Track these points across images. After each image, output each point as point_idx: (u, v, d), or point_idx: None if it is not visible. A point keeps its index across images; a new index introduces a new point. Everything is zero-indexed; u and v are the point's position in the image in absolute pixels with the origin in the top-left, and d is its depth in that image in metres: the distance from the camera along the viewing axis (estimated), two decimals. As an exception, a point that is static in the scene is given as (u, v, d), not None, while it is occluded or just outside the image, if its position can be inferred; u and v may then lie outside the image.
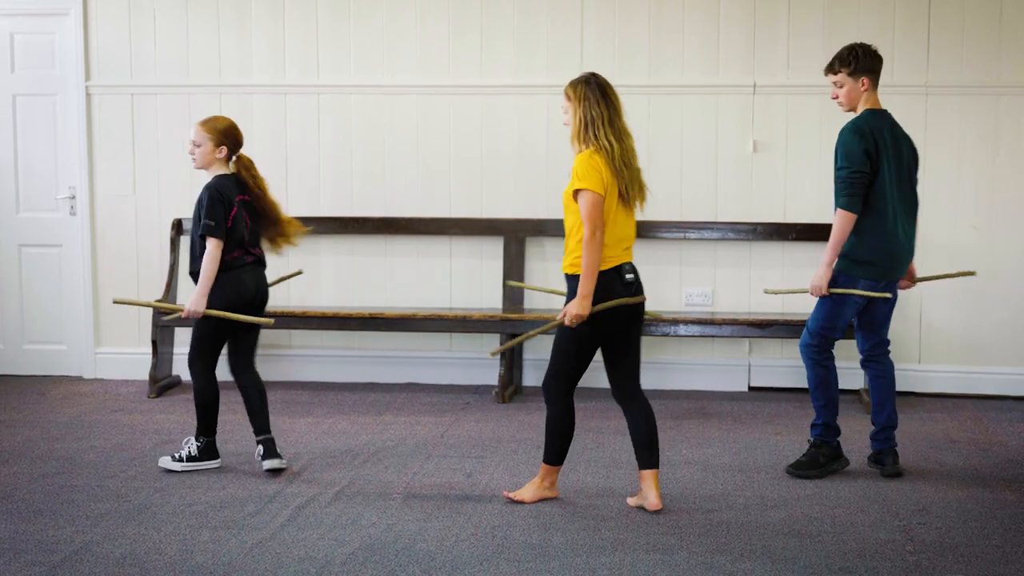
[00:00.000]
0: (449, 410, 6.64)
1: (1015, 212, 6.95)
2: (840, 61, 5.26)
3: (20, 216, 7.56)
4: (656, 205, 7.09)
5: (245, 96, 7.33)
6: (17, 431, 6.19)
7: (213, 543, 4.48)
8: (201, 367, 5.44)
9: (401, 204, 7.30)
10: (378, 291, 7.35)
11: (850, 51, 5.25)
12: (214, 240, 5.28)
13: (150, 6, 7.32)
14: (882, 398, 5.40)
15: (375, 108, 7.29)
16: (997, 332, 7.01)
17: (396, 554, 4.36)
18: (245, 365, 5.52)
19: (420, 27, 7.20)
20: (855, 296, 5.26)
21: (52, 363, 7.62)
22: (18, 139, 7.50)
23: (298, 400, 6.90)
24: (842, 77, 5.26)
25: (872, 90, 5.27)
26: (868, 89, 5.26)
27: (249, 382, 5.49)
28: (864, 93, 5.26)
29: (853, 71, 5.23)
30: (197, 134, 5.38)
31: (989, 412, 6.63)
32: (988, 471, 5.46)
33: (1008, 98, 6.90)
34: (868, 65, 5.25)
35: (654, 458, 4.84)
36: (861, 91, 5.26)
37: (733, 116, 7.05)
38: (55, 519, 4.75)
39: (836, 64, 5.28)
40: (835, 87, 5.31)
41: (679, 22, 7.04)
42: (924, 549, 4.43)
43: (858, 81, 5.24)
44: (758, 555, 4.35)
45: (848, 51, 5.26)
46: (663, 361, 7.23)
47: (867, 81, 5.25)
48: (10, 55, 7.46)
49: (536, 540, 4.50)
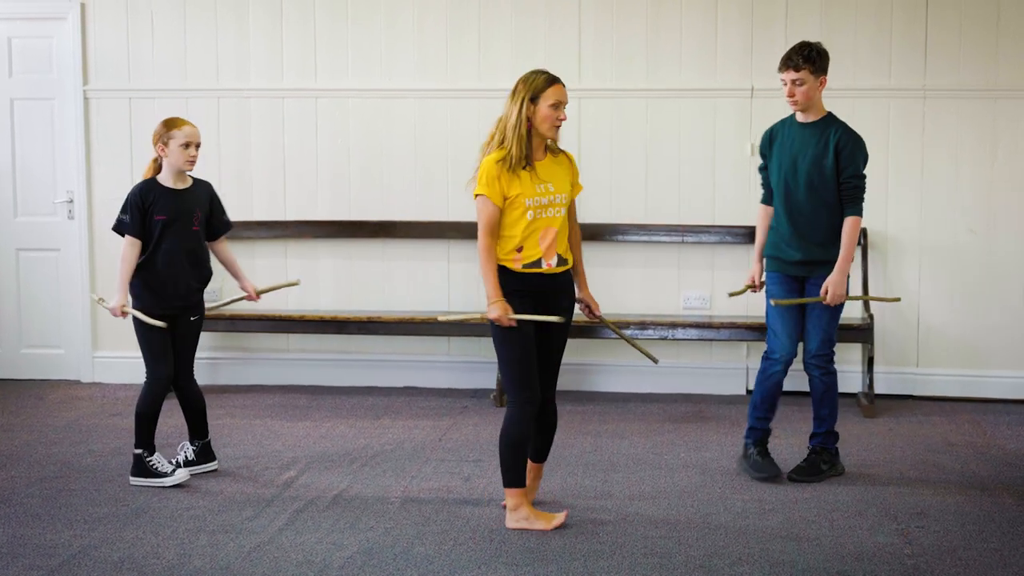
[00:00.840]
0: (447, 414, 6.64)
1: (1013, 215, 6.96)
2: (804, 59, 5.10)
3: (18, 220, 7.56)
4: (654, 208, 7.16)
5: (243, 100, 7.33)
6: (15, 435, 6.19)
7: (211, 547, 4.47)
8: (148, 372, 5.37)
9: (399, 208, 7.30)
10: (376, 295, 7.35)
11: (815, 50, 5.13)
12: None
13: (148, 10, 7.33)
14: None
15: (373, 112, 7.29)
16: (995, 335, 7.01)
17: (394, 558, 4.35)
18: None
19: (418, 31, 7.21)
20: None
21: (50, 367, 7.62)
22: (16, 143, 7.50)
23: (296, 404, 6.89)
24: (805, 75, 5.11)
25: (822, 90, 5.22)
26: (822, 89, 5.19)
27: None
28: (820, 93, 5.18)
29: (815, 69, 5.13)
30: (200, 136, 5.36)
31: (987, 415, 6.63)
32: (986, 475, 5.46)
33: (1005, 101, 6.90)
34: (826, 65, 5.17)
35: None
36: (819, 90, 5.17)
37: (731, 119, 7.05)
38: (53, 523, 4.75)
39: (800, 61, 5.10)
40: (793, 85, 5.14)
41: (676, 25, 7.04)
42: (922, 553, 4.43)
43: (818, 80, 5.15)
44: (756, 559, 4.35)
45: (811, 49, 5.12)
46: (661, 365, 7.21)
47: (824, 80, 5.18)
48: (8, 59, 7.46)
49: (534, 544, 4.49)
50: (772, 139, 5.34)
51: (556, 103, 4.60)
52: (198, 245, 5.37)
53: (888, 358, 7.04)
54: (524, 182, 4.58)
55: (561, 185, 4.69)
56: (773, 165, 5.31)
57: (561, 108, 4.62)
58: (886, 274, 7.01)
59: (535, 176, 4.61)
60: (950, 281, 7.00)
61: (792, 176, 5.21)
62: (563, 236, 4.72)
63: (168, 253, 5.26)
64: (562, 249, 4.70)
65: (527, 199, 4.58)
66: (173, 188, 5.31)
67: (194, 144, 5.27)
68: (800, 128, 5.25)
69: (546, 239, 4.63)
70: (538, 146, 4.69)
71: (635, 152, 7.14)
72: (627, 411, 6.73)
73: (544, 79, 4.64)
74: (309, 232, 7.33)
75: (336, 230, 7.31)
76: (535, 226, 4.61)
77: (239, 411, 6.71)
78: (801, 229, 5.23)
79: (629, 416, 6.61)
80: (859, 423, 6.43)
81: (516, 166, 4.58)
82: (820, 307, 5.23)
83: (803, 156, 5.20)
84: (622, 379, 7.23)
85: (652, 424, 6.43)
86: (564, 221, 4.71)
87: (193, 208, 5.31)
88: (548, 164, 4.70)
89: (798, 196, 5.21)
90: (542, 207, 4.61)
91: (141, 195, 5.27)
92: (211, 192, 5.46)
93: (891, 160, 6.96)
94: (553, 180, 4.67)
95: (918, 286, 7.01)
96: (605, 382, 7.25)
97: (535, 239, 4.61)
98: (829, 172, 5.16)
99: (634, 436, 6.16)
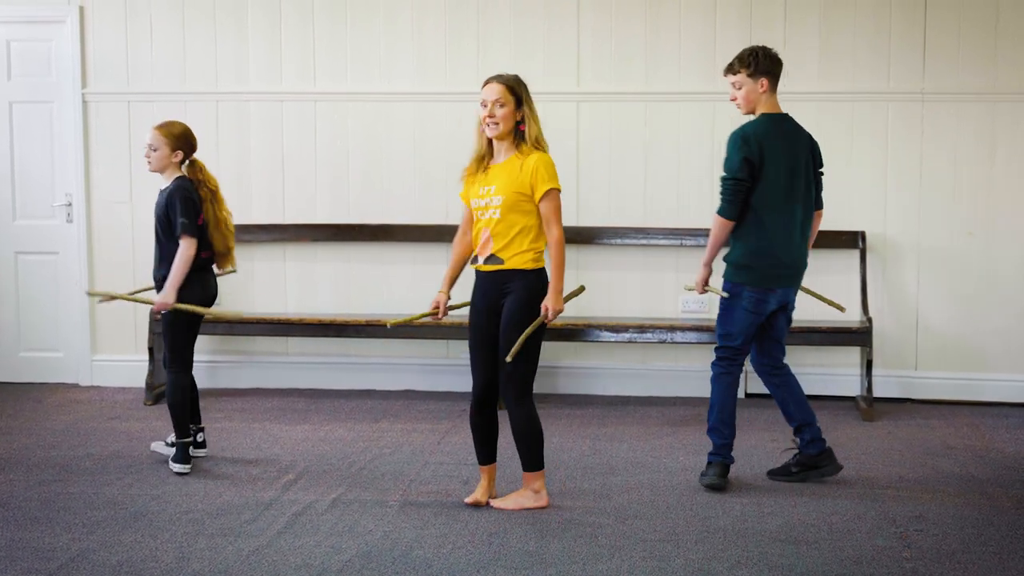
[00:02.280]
0: (446, 417, 6.64)
1: (1011, 218, 6.96)
2: (740, 61, 5.16)
3: (17, 223, 7.55)
4: (652, 211, 7.16)
5: (242, 103, 7.33)
6: (13, 438, 6.18)
7: (210, 550, 4.47)
8: (179, 365, 5.53)
9: (398, 211, 7.29)
10: (375, 298, 7.35)
11: (751, 52, 5.16)
12: (190, 239, 5.41)
13: (147, 13, 7.33)
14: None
15: (372, 115, 7.29)
16: (994, 338, 7.01)
17: (393, 561, 4.35)
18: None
19: (417, 34, 7.21)
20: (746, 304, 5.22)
21: (48, 370, 7.61)
22: (15, 146, 7.50)
23: (295, 407, 6.89)
24: (741, 78, 5.16)
25: (771, 93, 5.19)
26: (767, 91, 5.17)
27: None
28: (763, 95, 5.17)
29: (753, 72, 5.14)
30: (154, 138, 5.51)
31: (986, 419, 6.63)
32: (985, 478, 5.46)
33: (1004, 104, 6.91)
34: (767, 67, 5.15)
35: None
36: (760, 93, 5.17)
37: (730, 123, 7.03)
38: (51, 526, 4.74)
39: (736, 64, 5.18)
40: (733, 88, 5.21)
41: (675, 29, 7.04)
42: (921, 556, 4.42)
43: (757, 83, 5.14)
44: (754, 562, 4.35)
45: (748, 52, 5.17)
46: (660, 368, 7.23)
47: (766, 83, 5.15)
48: (7, 62, 7.46)
49: (533, 547, 4.49)
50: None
51: (482, 102, 4.81)
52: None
53: (887, 361, 7.05)
54: (474, 185, 4.87)
55: (503, 187, 4.77)
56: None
57: (488, 105, 4.77)
58: (884, 277, 7.02)
59: (485, 178, 4.84)
60: (949, 284, 7.00)
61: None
62: (501, 237, 4.78)
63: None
64: (497, 249, 4.80)
65: (472, 200, 4.87)
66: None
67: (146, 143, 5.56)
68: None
69: (482, 239, 4.85)
70: (500, 149, 4.85)
71: (634, 155, 7.15)
72: (626, 414, 6.73)
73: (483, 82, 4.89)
74: (308, 235, 7.33)
75: (335, 233, 7.32)
76: (478, 227, 4.88)
77: (238, 414, 6.71)
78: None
79: (628, 419, 6.61)
80: (858, 426, 6.43)
81: (478, 169, 4.87)
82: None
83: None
84: (621, 382, 7.23)
85: (651, 427, 6.42)
86: (500, 223, 4.78)
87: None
88: (504, 166, 4.82)
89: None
90: (481, 208, 4.84)
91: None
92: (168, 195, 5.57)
93: (890, 163, 6.97)
94: (496, 182, 4.79)
95: (916, 289, 7.02)
96: (604, 385, 7.25)
97: (478, 239, 4.88)
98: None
99: (633, 439, 6.16)
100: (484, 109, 4.78)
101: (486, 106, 4.77)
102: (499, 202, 4.76)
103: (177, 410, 5.51)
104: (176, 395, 5.51)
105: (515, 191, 4.76)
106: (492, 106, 4.75)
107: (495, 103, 4.75)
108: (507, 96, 4.76)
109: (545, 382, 7.14)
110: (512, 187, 4.75)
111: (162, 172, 5.52)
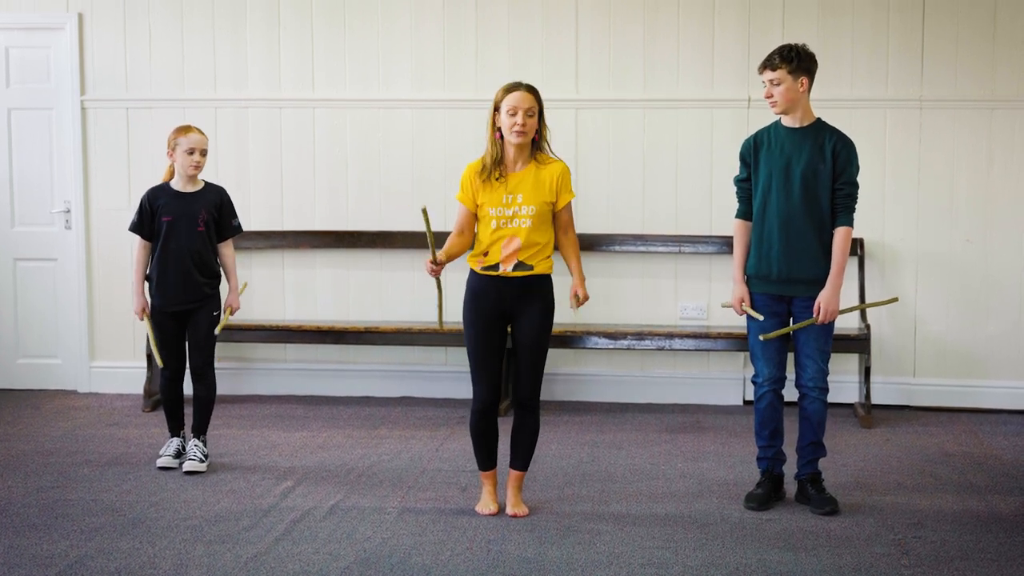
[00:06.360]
0: (444, 424, 6.64)
1: (1009, 225, 6.97)
2: (780, 57, 4.93)
3: (15, 230, 7.56)
4: (651, 218, 7.16)
5: (240, 110, 7.33)
6: (11, 445, 6.18)
7: (208, 557, 4.47)
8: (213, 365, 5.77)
9: (396, 218, 7.30)
10: (373, 305, 7.35)
11: (790, 48, 4.95)
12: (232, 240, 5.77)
13: (145, 20, 7.33)
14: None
15: (370, 122, 7.30)
16: (992, 345, 7.02)
17: (391, 568, 4.35)
18: None
19: (415, 41, 7.22)
20: None
21: (47, 377, 7.61)
22: (13, 153, 7.50)
23: (293, 414, 6.89)
24: (781, 74, 4.93)
25: (808, 94, 5.00)
26: (806, 91, 4.98)
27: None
28: (802, 95, 4.98)
29: (794, 69, 4.93)
30: (206, 143, 5.65)
31: (984, 425, 6.63)
32: (983, 484, 5.46)
33: (1002, 111, 6.92)
34: (807, 65, 4.97)
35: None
36: (800, 92, 4.97)
37: (728, 130, 7.06)
38: (49, 533, 4.74)
39: (776, 60, 4.94)
40: (771, 85, 4.97)
41: (674, 36, 7.05)
42: (919, 563, 4.42)
43: (797, 81, 4.94)
44: (753, 569, 4.35)
45: (788, 48, 4.96)
46: (658, 375, 7.23)
47: (806, 81, 4.96)
48: (5, 69, 7.47)
49: (531, 554, 4.49)
50: (757, 146, 5.07)
51: (511, 109, 4.72)
52: (203, 246, 5.64)
53: (885, 368, 7.05)
54: (492, 192, 4.79)
55: (531, 196, 4.76)
56: (761, 173, 5.04)
57: (519, 114, 4.70)
58: (883, 284, 7.02)
59: (505, 186, 4.78)
60: (947, 291, 7.01)
61: (785, 183, 4.97)
62: (533, 245, 4.78)
63: (173, 252, 5.59)
64: (525, 256, 4.79)
65: (491, 208, 4.78)
66: (181, 191, 5.63)
67: (199, 150, 5.59)
68: (790, 132, 5.02)
69: (509, 247, 4.78)
70: (517, 156, 4.80)
71: (632, 162, 7.15)
72: (624, 421, 6.73)
73: (504, 88, 4.80)
74: (307, 242, 7.33)
75: (334, 240, 7.32)
76: (499, 235, 4.78)
77: (236, 421, 6.71)
78: (792, 242, 4.98)
79: (626, 426, 6.61)
80: (856, 433, 6.43)
81: (490, 176, 4.80)
82: (814, 328, 5.00)
83: (797, 160, 4.97)
84: (619, 389, 7.23)
85: (649, 434, 6.42)
86: (532, 231, 4.77)
87: (198, 210, 5.61)
88: (525, 174, 4.80)
89: (792, 204, 4.96)
90: (507, 218, 4.77)
91: (149, 198, 5.63)
92: (222, 196, 5.75)
93: (888, 170, 6.98)
94: (523, 191, 4.77)
95: (914, 296, 7.02)
96: (602, 392, 7.25)
97: (498, 247, 4.80)
98: (825, 178, 4.96)
99: (631, 446, 6.16)
100: (513, 117, 4.69)
101: (515, 114, 4.69)
102: (530, 212, 4.75)
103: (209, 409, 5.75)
104: (214, 393, 5.76)
105: (544, 200, 4.78)
106: (524, 115, 4.70)
107: (526, 112, 4.70)
108: (536, 106, 4.76)
109: (543, 389, 7.09)
110: (541, 196, 4.77)
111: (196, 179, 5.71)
